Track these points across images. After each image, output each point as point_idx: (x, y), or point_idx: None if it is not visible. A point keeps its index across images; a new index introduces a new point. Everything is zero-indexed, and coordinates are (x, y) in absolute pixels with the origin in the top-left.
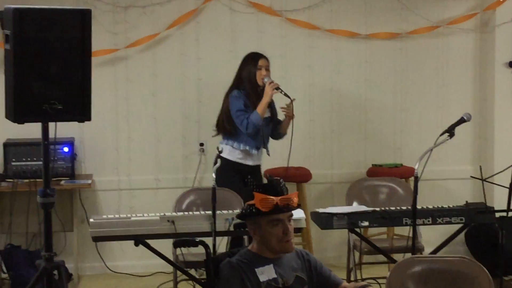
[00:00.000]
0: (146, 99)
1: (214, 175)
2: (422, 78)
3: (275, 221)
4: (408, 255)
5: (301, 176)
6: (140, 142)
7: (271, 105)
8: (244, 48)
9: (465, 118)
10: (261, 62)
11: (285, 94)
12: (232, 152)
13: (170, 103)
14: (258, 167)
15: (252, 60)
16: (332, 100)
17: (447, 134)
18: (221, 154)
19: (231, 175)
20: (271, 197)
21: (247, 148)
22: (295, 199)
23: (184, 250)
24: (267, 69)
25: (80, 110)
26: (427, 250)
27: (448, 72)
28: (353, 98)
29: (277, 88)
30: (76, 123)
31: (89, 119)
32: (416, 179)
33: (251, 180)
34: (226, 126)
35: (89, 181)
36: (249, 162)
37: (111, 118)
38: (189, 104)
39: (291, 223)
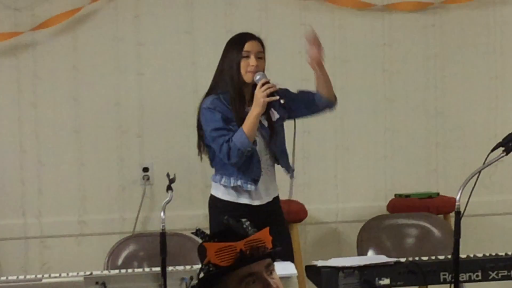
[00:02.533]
0: (64, 105)
1: (163, 214)
2: (465, 66)
3: (247, 277)
4: None
5: (291, 213)
6: (56, 168)
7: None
8: (205, 29)
9: None
10: (248, 46)
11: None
12: (227, 190)
13: (99, 109)
14: (272, 204)
15: (235, 45)
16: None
17: (502, 148)
18: (214, 194)
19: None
20: (230, 243)
21: (239, 183)
22: (268, 240)
23: None
24: (260, 57)
25: None
26: None
27: (503, 58)
28: (366, 97)
29: (274, 94)
30: None
31: None
32: (459, 215)
33: (200, 230)
34: (206, 154)
35: None
36: (256, 202)
37: (11, 132)
38: (127, 111)
39: (273, 275)
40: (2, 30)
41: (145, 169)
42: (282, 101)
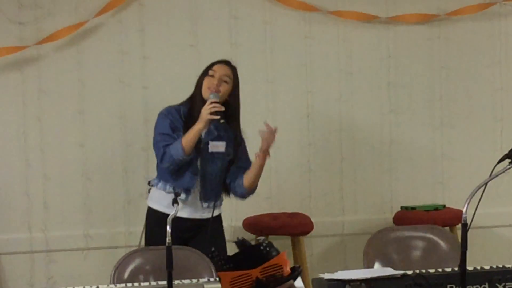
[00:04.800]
0: (69, 119)
1: (168, 228)
2: (470, 78)
3: None
4: None
5: (297, 226)
6: (61, 182)
7: (235, 137)
8: (209, 42)
9: None
10: (216, 68)
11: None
12: (159, 197)
13: (104, 123)
14: (202, 222)
15: (207, 66)
16: (341, 115)
17: (508, 160)
18: (148, 204)
19: (159, 236)
20: (246, 271)
21: (171, 190)
22: (285, 264)
23: None
24: (225, 81)
25: None
26: None
27: (508, 69)
28: (371, 111)
29: (216, 113)
30: None
31: None
32: (465, 227)
33: (215, 252)
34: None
35: None
36: (183, 214)
37: (17, 147)
38: (131, 124)
39: None
40: (7, 44)
41: (151, 183)
42: (221, 121)
